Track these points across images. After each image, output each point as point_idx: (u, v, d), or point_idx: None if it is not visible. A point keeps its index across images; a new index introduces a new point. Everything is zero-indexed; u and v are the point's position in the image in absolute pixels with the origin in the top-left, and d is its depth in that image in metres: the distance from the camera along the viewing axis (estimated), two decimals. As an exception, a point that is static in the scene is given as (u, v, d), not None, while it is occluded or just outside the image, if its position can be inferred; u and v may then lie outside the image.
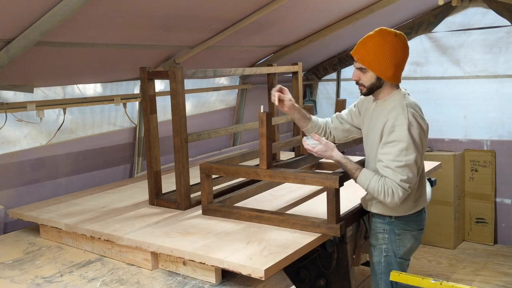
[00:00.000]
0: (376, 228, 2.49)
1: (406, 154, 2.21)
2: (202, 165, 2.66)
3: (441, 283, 2.14)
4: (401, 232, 2.43)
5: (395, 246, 2.44)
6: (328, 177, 2.29)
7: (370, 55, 2.29)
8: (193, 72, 2.83)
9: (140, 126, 4.00)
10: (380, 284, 2.52)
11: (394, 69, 2.30)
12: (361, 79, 2.37)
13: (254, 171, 2.55)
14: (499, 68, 4.81)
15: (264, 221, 2.48)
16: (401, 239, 2.44)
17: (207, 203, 2.66)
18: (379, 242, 2.48)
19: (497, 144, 4.96)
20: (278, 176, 2.48)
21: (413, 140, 2.22)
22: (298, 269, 3.22)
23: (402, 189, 2.22)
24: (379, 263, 2.49)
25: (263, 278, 1.94)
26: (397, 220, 2.42)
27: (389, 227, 2.44)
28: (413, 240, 2.46)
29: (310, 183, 2.39)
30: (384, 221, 2.45)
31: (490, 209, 4.99)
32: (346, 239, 3.07)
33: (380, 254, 2.48)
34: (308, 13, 3.86)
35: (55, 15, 2.32)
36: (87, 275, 2.24)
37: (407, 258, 2.52)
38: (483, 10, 4.80)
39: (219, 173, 2.72)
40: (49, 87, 3.43)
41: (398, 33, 2.32)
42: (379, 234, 2.48)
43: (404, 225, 2.43)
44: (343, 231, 2.33)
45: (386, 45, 2.27)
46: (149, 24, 2.96)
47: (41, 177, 3.43)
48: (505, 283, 4.15)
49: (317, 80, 5.96)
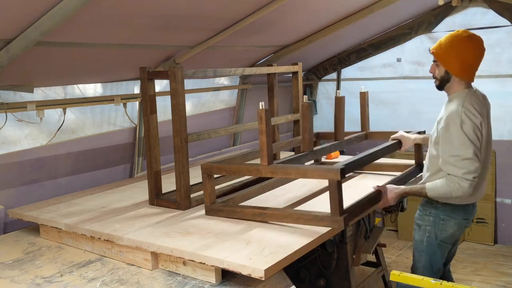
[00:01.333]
0: (424, 210, 2.69)
1: (462, 148, 2.41)
2: (204, 165, 2.66)
3: (441, 283, 2.14)
4: (445, 218, 2.61)
5: (437, 229, 2.63)
6: (329, 170, 2.31)
7: (442, 49, 2.53)
8: (193, 72, 2.83)
9: (140, 126, 4.00)
10: (421, 261, 2.72)
11: (461, 65, 2.51)
12: (435, 72, 2.61)
13: (255, 168, 2.55)
14: (501, 68, 4.81)
15: (268, 217, 2.48)
16: (444, 224, 2.62)
17: (210, 203, 2.65)
18: (425, 223, 2.68)
19: (497, 144, 4.95)
20: (280, 171, 2.48)
21: (467, 136, 2.41)
22: (298, 269, 3.23)
23: (466, 180, 2.41)
24: (422, 242, 2.70)
25: (263, 278, 1.94)
26: (443, 206, 2.60)
27: (435, 211, 2.63)
28: (456, 227, 2.63)
29: (312, 176, 2.41)
30: (432, 205, 2.64)
31: (490, 209, 4.98)
32: (346, 239, 3.08)
33: (424, 234, 2.68)
34: (308, 13, 3.86)
35: (55, 15, 2.32)
36: (87, 275, 2.24)
37: (448, 242, 2.68)
38: (483, 10, 4.80)
39: (221, 172, 2.71)
40: (49, 87, 3.43)
41: (472, 33, 2.54)
42: (425, 216, 2.67)
43: (450, 212, 2.60)
44: (347, 224, 2.34)
45: (456, 42, 2.51)
46: (149, 24, 2.96)
47: (41, 177, 3.43)
48: (505, 283, 4.15)
49: (317, 80, 5.96)
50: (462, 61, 2.51)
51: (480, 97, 2.59)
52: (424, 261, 2.71)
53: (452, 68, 2.53)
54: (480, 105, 2.52)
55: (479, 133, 2.45)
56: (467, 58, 2.52)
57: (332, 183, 2.30)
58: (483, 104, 2.57)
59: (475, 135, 2.43)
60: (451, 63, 2.52)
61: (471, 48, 2.51)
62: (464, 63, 2.52)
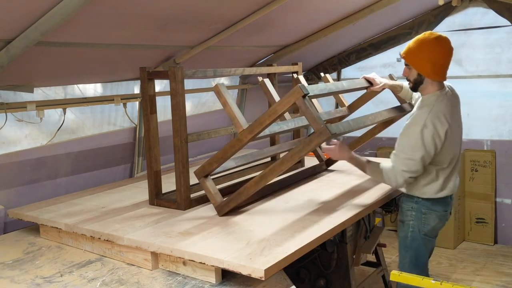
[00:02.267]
0: (405, 206, 2.80)
1: (413, 149, 2.56)
2: (195, 171, 2.68)
3: (441, 283, 2.15)
4: (427, 211, 2.72)
5: (420, 223, 2.74)
6: (291, 93, 2.35)
7: (412, 54, 2.64)
8: (193, 72, 2.83)
9: (140, 126, 4.00)
10: (405, 256, 2.81)
11: (431, 67, 2.60)
12: (408, 75, 2.71)
13: (236, 140, 2.55)
14: (501, 68, 4.82)
15: (270, 175, 2.49)
16: (426, 217, 2.73)
17: (218, 204, 2.65)
18: (407, 218, 2.78)
19: (497, 144, 4.96)
20: (256, 127, 2.47)
21: (423, 140, 2.54)
22: (298, 269, 3.23)
23: (403, 177, 2.61)
24: (406, 238, 2.79)
25: (263, 278, 1.94)
26: (424, 200, 2.71)
27: (417, 206, 2.74)
28: (438, 219, 2.74)
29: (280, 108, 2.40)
30: (413, 200, 2.75)
31: (490, 209, 4.99)
32: (346, 239, 3.08)
33: (407, 229, 2.78)
34: (308, 13, 3.86)
35: (55, 15, 2.32)
36: (87, 275, 2.24)
37: (431, 236, 2.78)
38: (483, 10, 4.80)
39: (212, 166, 2.67)
40: (49, 87, 3.43)
41: (439, 35, 2.64)
42: (407, 211, 2.78)
43: (430, 205, 2.72)
44: (334, 132, 2.30)
45: (425, 45, 2.61)
46: (149, 24, 2.96)
47: (41, 177, 3.43)
48: (505, 283, 4.15)
49: (317, 80, 5.95)
50: (433, 63, 2.60)
51: (450, 98, 2.69)
52: (409, 257, 2.79)
53: (424, 70, 2.62)
54: (449, 108, 2.64)
55: (438, 140, 2.56)
56: (438, 60, 2.61)
57: (300, 103, 2.32)
58: (453, 104, 2.69)
59: (432, 142, 2.55)
60: (423, 66, 2.61)
61: (440, 49, 2.61)
62: (435, 65, 2.61)
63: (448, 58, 2.64)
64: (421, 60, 2.61)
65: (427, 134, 2.54)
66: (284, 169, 2.48)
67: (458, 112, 2.78)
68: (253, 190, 2.58)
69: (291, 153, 2.42)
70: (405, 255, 2.81)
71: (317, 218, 2.57)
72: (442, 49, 2.61)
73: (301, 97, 2.33)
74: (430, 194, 2.71)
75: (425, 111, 2.60)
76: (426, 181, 2.69)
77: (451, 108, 2.66)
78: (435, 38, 2.61)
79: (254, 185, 2.56)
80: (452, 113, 2.66)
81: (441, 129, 2.57)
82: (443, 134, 2.57)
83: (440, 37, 2.62)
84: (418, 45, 2.63)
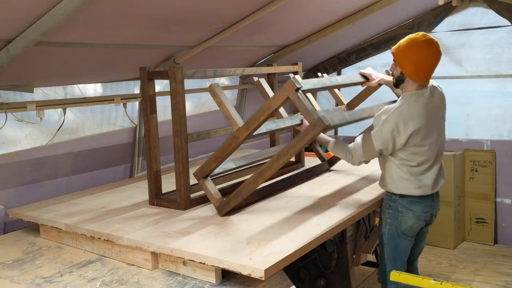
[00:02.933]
0: (384, 204, 2.83)
1: (372, 140, 2.65)
2: (194, 173, 2.68)
3: (441, 283, 2.15)
4: (403, 211, 2.73)
5: (397, 222, 2.76)
6: (284, 88, 2.37)
7: (400, 51, 2.65)
8: (193, 72, 2.83)
9: (140, 126, 4.00)
10: (384, 253, 2.85)
11: (414, 69, 2.60)
12: (394, 71, 2.75)
13: (232, 137, 2.56)
14: (502, 68, 4.82)
15: (268, 171, 2.50)
16: (402, 216, 2.74)
17: (219, 204, 2.65)
18: (385, 216, 2.81)
19: (497, 144, 4.96)
20: (251, 124, 2.48)
21: (382, 133, 2.61)
22: (298, 269, 3.23)
23: (358, 160, 2.78)
24: (384, 234, 2.83)
25: (263, 278, 1.94)
26: (401, 198, 2.73)
27: (394, 204, 2.76)
28: (415, 219, 2.73)
29: (274, 103, 2.41)
30: (391, 198, 2.77)
31: (490, 209, 4.99)
32: (346, 239, 3.08)
33: (385, 227, 2.82)
34: (308, 13, 3.86)
35: (55, 15, 2.32)
36: (87, 275, 2.24)
37: (408, 235, 2.77)
38: (483, 10, 4.80)
39: (211, 166, 2.67)
40: (49, 87, 3.43)
41: (430, 38, 2.62)
42: (386, 209, 2.81)
43: (407, 205, 2.72)
44: (327, 123, 2.31)
45: (413, 46, 2.60)
46: (149, 24, 2.96)
47: (41, 177, 3.43)
48: (505, 283, 4.15)
49: (317, 80, 5.95)
50: (416, 65, 2.60)
51: (428, 98, 2.66)
52: (387, 254, 2.83)
53: (406, 70, 2.63)
54: (425, 108, 2.62)
55: (398, 137, 2.59)
56: (422, 63, 2.60)
57: (293, 97, 2.33)
58: (432, 104, 2.67)
59: (390, 137, 2.60)
60: (406, 66, 2.62)
61: (426, 53, 2.59)
62: (418, 68, 2.60)
63: (433, 63, 2.62)
64: (406, 60, 2.62)
65: (387, 129, 2.59)
66: (282, 163, 2.47)
67: (440, 112, 2.76)
68: (252, 186, 2.57)
69: (287, 147, 2.43)
70: (383, 251, 2.85)
71: (317, 218, 2.58)
72: (429, 53, 2.59)
73: (294, 91, 2.32)
74: (403, 190, 2.70)
75: (393, 107, 2.64)
76: (397, 176, 2.69)
77: (429, 109, 2.64)
78: (424, 41, 2.59)
79: (253, 182, 2.56)
80: (429, 114, 2.63)
81: (403, 128, 2.57)
82: (407, 133, 2.57)
83: (430, 41, 2.60)
84: (407, 44, 2.63)
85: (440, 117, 2.77)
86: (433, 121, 2.68)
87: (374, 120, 2.69)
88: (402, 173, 2.68)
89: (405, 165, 2.67)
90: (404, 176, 2.68)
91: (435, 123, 2.69)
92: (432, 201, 2.76)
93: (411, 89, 2.66)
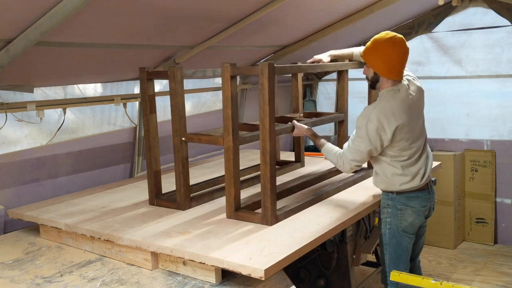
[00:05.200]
0: (382, 204, 2.82)
1: (359, 141, 2.69)
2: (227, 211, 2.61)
3: (441, 283, 2.15)
4: (402, 208, 2.74)
5: (397, 220, 2.75)
6: None
7: (368, 53, 2.74)
8: (193, 72, 2.83)
9: (140, 126, 4.00)
10: (386, 254, 2.83)
11: (384, 65, 2.67)
12: (367, 74, 2.80)
13: (225, 150, 2.56)
14: (502, 68, 4.81)
15: None
16: (402, 213, 2.74)
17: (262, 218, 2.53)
18: (384, 216, 2.81)
19: (497, 144, 4.96)
20: (227, 124, 2.50)
21: (367, 133, 2.64)
22: (298, 269, 3.23)
23: (350, 165, 2.77)
24: (385, 235, 2.82)
25: (263, 278, 1.94)
26: (398, 196, 2.74)
27: (392, 203, 2.77)
28: (414, 215, 2.75)
29: None
30: (388, 197, 2.78)
31: (490, 209, 4.99)
32: (346, 239, 3.08)
33: (385, 227, 2.81)
34: (308, 13, 3.85)
35: (55, 15, 2.32)
36: (87, 275, 2.24)
37: (410, 232, 2.78)
38: (483, 10, 4.80)
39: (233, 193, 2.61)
40: (49, 87, 3.43)
41: (393, 35, 2.68)
42: (384, 208, 2.81)
43: (405, 201, 2.74)
44: None
45: (379, 45, 2.68)
46: (149, 24, 2.96)
47: (41, 177, 3.43)
48: (505, 283, 4.15)
49: (317, 80, 5.96)
50: (386, 62, 2.67)
51: (406, 92, 2.71)
52: (389, 254, 2.81)
53: (378, 69, 2.70)
54: (404, 102, 2.68)
55: (384, 135, 2.63)
56: (391, 59, 2.66)
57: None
58: (410, 98, 2.72)
59: (376, 136, 2.63)
60: (377, 64, 2.69)
61: (393, 50, 2.65)
62: (388, 64, 2.67)
63: (402, 57, 2.68)
64: (376, 59, 2.69)
65: (371, 128, 2.62)
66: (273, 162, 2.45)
67: (419, 103, 2.80)
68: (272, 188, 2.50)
69: None
70: (385, 252, 2.83)
71: (317, 218, 2.58)
72: (395, 49, 2.65)
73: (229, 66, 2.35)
74: (399, 186, 2.72)
75: (373, 106, 2.71)
76: (391, 173, 2.72)
77: (408, 102, 2.69)
78: (389, 38, 2.65)
79: None
80: (409, 106, 2.69)
81: (387, 124, 2.62)
82: (391, 129, 2.62)
83: (394, 37, 2.66)
84: (372, 45, 2.70)
85: (420, 108, 2.83)
86: (415, 112, 2.74)
87: (357, 122, 2.71)
88: (395, 169, 2.71)
89: (397, 161, 2.71)
90: (398, 171, 2.71)
91: (416, 114, 2.76)
92: (428, 193, 2.80)
93: (387, 86, 2.72)
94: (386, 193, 2.79)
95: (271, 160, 2.46)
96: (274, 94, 2.45)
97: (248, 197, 2.87)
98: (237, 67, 2.56)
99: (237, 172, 2.58)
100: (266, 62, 2.41)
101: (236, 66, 2.55)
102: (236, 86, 2.62)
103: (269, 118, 2.42)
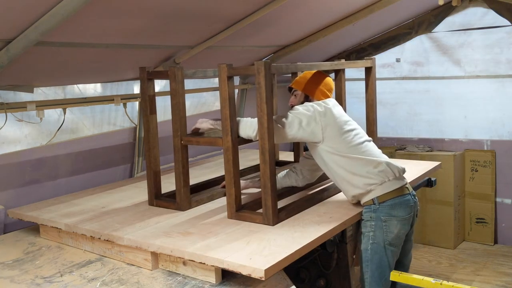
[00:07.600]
0: (365, 217, 2.66)
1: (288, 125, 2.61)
2: (229, 214, 2.60)
3: (441, 283, 2.15)
4: (387, 218, 2.59)
5: (382, 233, 2.59)
6: None
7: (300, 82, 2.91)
8: (193, 72, 2.83)
9: (140, 126, 4.00)
10: (367, 271, 2.65)
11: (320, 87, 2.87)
12: (295, 103, 2.87)
13: (225, 151, 2.54)
14: (500, 68, 4.82)
15: None
16: (387, 225, 2.59)
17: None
18: (367, 230, 2.64)
19: (497, 144, 4.96)
20: (226, 125, 2.49)
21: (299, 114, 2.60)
22: (298, 269, 3.22)
23: (253, 134, 2.58)
24: (366, 250, 2.65)
25: (263, 278, 1.94)
26: (381, 206, 2.59)
27: (375, 215, 2.60)
28: (400, 225, 2.61)
29: None
30: (370, 209, 2.62)
31: (490, 209, 4.99)
32: (346, 239, 3.08)
33: (367, 242, 2.64)
34: (308, 13, 3.86)
35: (55, 15, 2.32)
36: (87, 275, 2.24)
37: (396, 245, 2.63)
38: (483, 10, 4.81)
39: (234, 196, 2.60)
40: (49, 87, 3.43)
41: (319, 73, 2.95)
42: (367, 222, 2.64)
43: (390, 210, 2.59)
44: None
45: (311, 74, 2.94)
46: (149, 24, 2.96)
47: (41, 177, 3.43)
48: (505, 283, 4.15)
49: (317, 80, 5.95)
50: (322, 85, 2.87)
51: None
52: (370, 272, 2.63)
53: (312, 93, 2.85)
54: (326, 108, 2.71)
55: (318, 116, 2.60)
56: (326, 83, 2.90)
57: None
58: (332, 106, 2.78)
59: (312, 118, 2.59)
60: (312, 89, 2.86)
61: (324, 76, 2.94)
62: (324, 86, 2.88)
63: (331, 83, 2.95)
64: (312, 86, 2.86)
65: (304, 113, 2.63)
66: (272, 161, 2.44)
67: None
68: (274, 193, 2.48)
69: None
70: (366, 269, 2.65)
71: (317, 218, 2.58)
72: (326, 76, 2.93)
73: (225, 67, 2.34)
74: (372, 186, 2.58)
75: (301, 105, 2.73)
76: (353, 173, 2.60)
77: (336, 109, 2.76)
78: (318, 71, 2.95)
79: None
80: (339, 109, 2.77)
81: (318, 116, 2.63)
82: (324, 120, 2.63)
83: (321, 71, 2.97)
84: (305, 75, 2.94)
85: None
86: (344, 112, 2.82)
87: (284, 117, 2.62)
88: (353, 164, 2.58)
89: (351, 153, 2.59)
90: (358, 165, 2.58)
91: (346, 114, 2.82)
92: (411, 199, 2.66)
93: None
94: (368, 205, 2.64)
95: (271, 159, 2.45)
96: (272, 93, 2.44)
97: (248, 197, 2.87)
98: (234, 68, 2.55)
99: (237, 173, 2.57)
100: (262, 61, 2.41)
101: (232, 66, 2.54)
102: (233, 86, 2.59)
103: (267, 117, 2.42)
